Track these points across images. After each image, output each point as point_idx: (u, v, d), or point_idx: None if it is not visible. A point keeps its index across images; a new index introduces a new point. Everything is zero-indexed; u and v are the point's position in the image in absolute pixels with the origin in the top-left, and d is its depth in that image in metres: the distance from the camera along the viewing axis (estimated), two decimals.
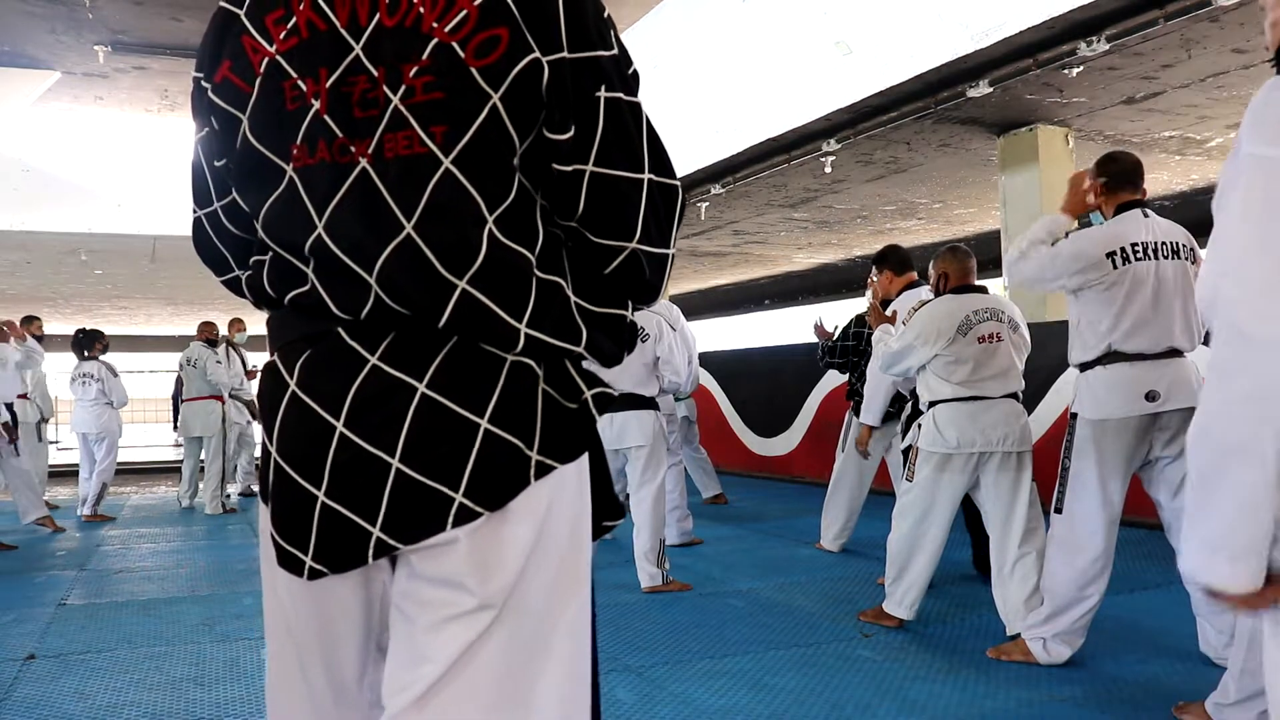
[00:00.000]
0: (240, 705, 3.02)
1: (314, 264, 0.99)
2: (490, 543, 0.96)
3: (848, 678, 3.12)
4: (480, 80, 0.93)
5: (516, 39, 0.93)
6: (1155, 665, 3.13)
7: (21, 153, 9.64)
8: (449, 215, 0.95)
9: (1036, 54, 5.79)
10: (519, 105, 0.94)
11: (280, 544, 1.02)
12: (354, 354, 0.97)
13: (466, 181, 0.95)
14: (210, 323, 8.29)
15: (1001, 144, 7.53)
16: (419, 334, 0.97)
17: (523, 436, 0.97)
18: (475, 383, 0.96)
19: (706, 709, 2.85)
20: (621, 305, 1.07)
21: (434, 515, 0.95)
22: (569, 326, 1.01)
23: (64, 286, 15.25)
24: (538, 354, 0.99)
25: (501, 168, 0.96)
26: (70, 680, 3.30)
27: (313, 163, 0.98)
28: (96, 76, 7.87)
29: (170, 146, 9.78)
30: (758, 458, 9.49)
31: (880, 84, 6.50)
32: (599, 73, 0.97)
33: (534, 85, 0.94)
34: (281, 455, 1.01)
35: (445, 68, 0.93)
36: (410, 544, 0.96)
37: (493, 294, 0.96)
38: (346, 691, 1.07)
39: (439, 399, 0.95)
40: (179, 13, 6.69)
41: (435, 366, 0.96)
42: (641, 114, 1.02)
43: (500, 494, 0.95)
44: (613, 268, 1.03)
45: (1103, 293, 2.99)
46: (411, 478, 0.94)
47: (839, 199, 9.91)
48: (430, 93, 0.94)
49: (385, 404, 0.95)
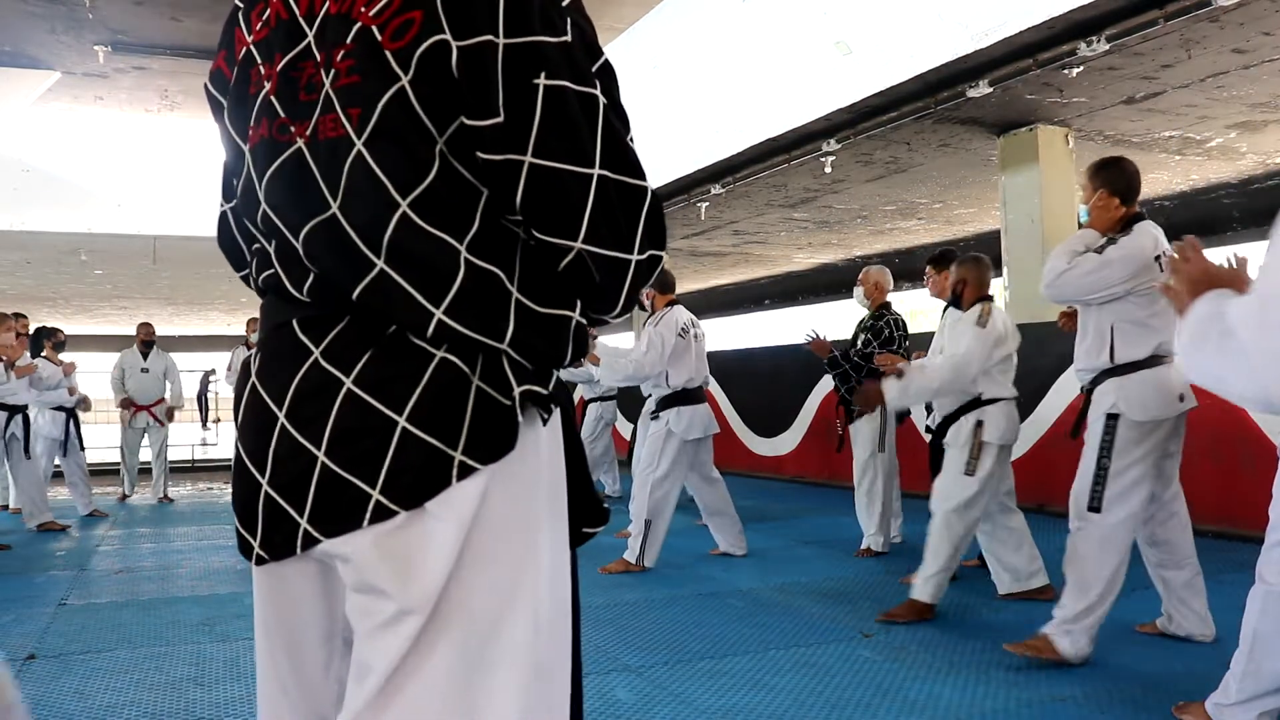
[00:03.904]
0: (240, 705, 3.02)
1: (273, 244, 1.03)
2: (408, 544, 0.94)
3: (848, 678, 3.12)
4: (392, 62, 0.93)
5: (429, 21, 0.92)
6: (1155, 665, 3.13)
7: (21, 153, 9.64)
8: (364, 194, 0.95)
9: (1036, 54, 5.79)
10: (429, 89, 0.93)
11: (238, 529, 1.05)
12: (302, 348, 0.99)
13: (375, 164, 0.94)
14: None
15: (1001, 144, 7.53)
16: (360, 329, 0.97)
17: (443, 436, 0.94)
18: (399, 380, 0.95)
19: (706, 709, 2.85)
20: (568, 307, 1.01)
21: (353, 510, 0.94)
22: (494, 319, 0.97)
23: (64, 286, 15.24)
24: (464, 347, 0.97)
25: (415, 151, 0.95)
26: (70, 680, 3.30)
27: (257, 142, 1.02)
28: (96, 76, 7.88)
29: (170, 146, 9.78)
30: (758, 458, 9.49)
31: (880, 84, 6.50)
32: (538, 59, 0.93)
33: (443, 68, 0.92)
34: (239, 443, 1.05)
35: (364, 51, 0.94)
36: (331, 537, 0.96)
37: (408, 275, 0.95)
38: (312, 681, 1.08)
39: (362, 395, 0.95)
40: (179, 13, 6.69)
41: (364, 363, 0.96)
42: (596, 106, 0.96)
43: (417, 493, 0.93)
44: (562, 267, 0.99)
45: (1149, 294, 3.08)
46: (335, 472, 0.95)
47: (839, 199, 9.90)
48: (350, 76, 0.95)
49: (317, 398, 0.97)
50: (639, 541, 4.93)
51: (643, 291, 1.17)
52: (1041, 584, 4.05)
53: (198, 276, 15.07)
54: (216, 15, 6.74)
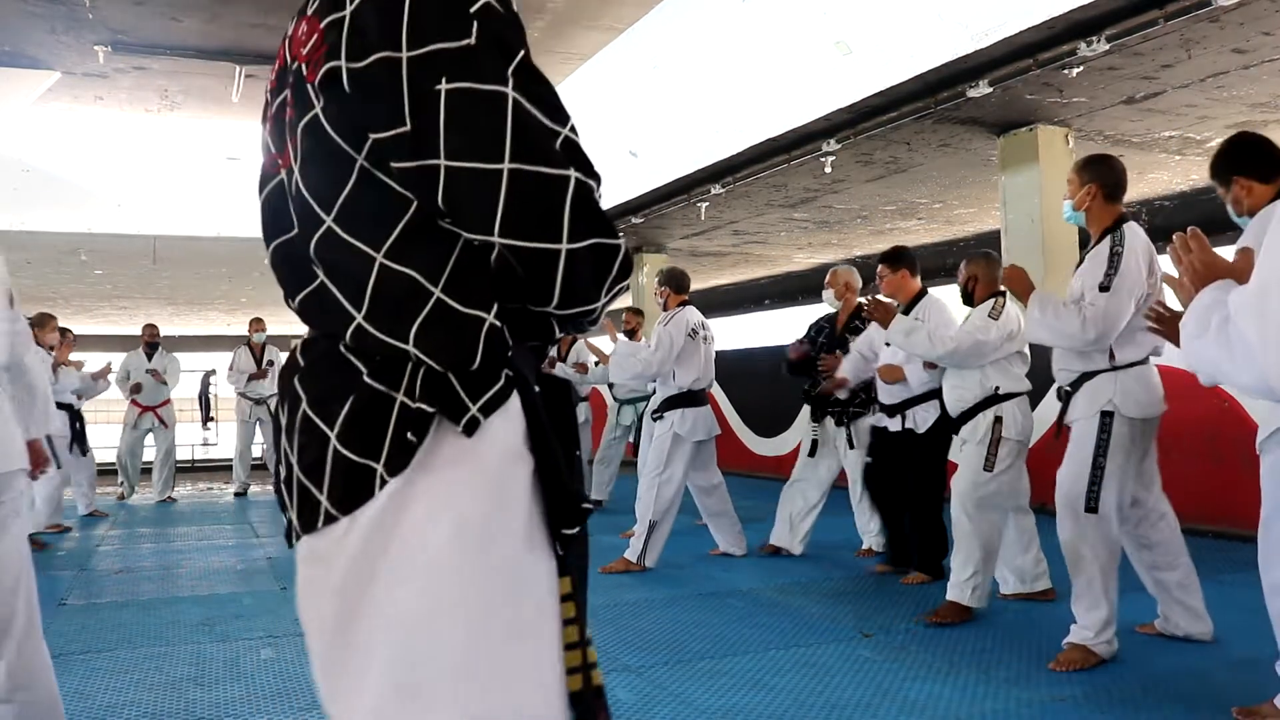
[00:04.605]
0: (240, 705, 3.02)
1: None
2: (342, 553, 0.99)
3: (848, 678, 3.12)
4: (310, 94, 1.03)
5: (331, 52, 1.00)
6: (1155, 665, 3.13)
7: (21, 153, 9.64)
8: (305, 215, 1.06)
9: (1036, 54, 5.79)
10: (334, 111, 1.01)
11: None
12: (296, 364, 1.11)
13: (303, 185, 1.06)
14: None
15: (1001, 144, 7.53)
16: (323, 349, 1.07)
17: (364, 451, 0.99)
18: (333, 398, 1.03)
19: (706, 709, 2.85)
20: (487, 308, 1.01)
21: (312, 513, 1.03)
22: (403, 321, 1.00)
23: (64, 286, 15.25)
24: (390, 362, 1.01)
25: (335, 169, 1.02)
26: (70, 680, 3.30)
27: (263, 174, 1.16)
28: (96, 76, 7.87)
29: (170, 146, 9.78)
30: (758, 458, 9.49)
31: (880, 84, 6.50)
32: (438, 66, 0.96)
33: (338, 90, 1.00)
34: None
35: (297, 88, 1.06)
36: (306, 533, 1.04)
37: (339, 285, 1.05)
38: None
39: (311, 414, 1.04)
40: (179, 13, 6.69)
41: (318, 383, 1.06)
42: (503, 103, 0.97)
43: (348, 502, 0.99)
44: (494, 264, 1.01)
45: (1146, 302, 3.09)
46: (301, 480, 1.05)
47: (839, 199, 9.90)
48: (291, 110, 1.07)
49: (294, 412, 1.07)
50: (641, 542, 4.94)
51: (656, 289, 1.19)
52: (1045, 587, 4.05)
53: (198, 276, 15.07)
54: (216, 15, 6.74)
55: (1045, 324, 3.18)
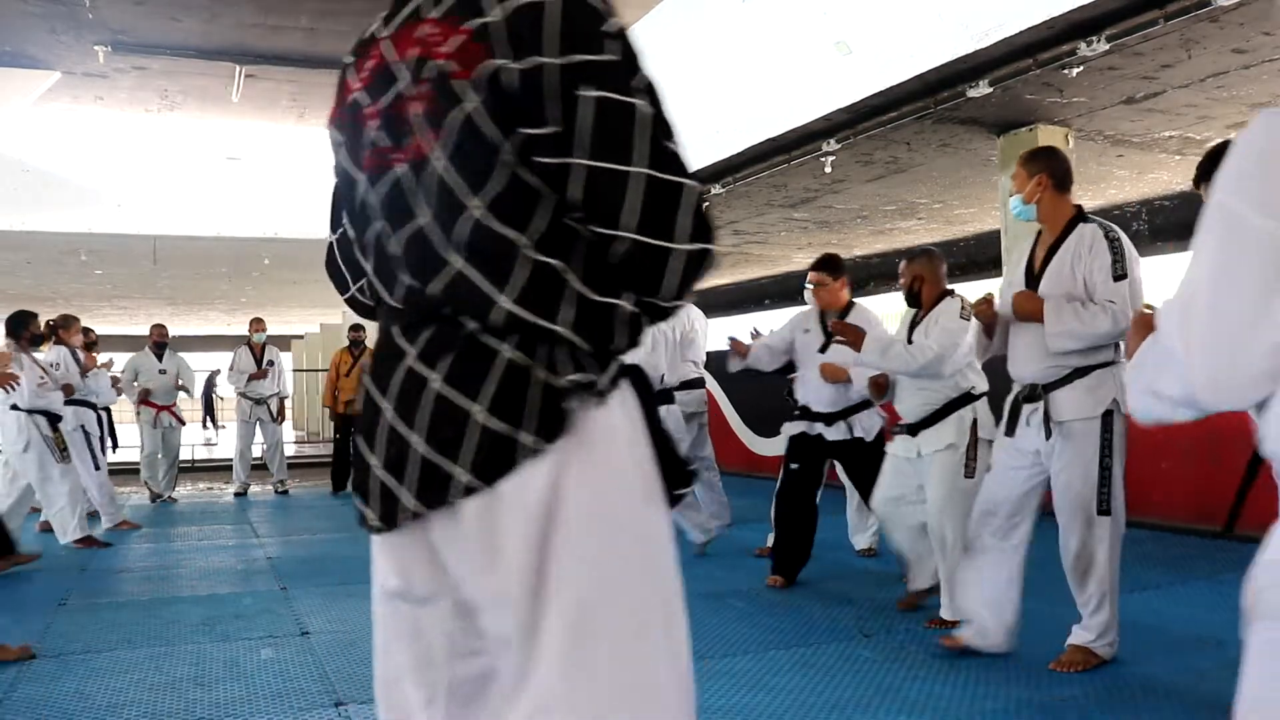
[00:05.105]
0: (240, 705, 3.02)
1: (374, 261, 1.23)
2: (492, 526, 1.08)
3: (848, 678, 3.12)
4: (459, 90, 1.10)
5: (492, 52, 1.10)
6: (1154, 665, 3.13)
7: (21, 153, 9.63)
8: (445, 204, 1.13)
9: (1036, 54, 5.78)
10: (493, 107, 1.10)
11: (356, 503, 1.23)
12: (399, 351, 1.17)
13: (455, 174, 1.12)
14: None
15: (1001, 144, 7.53)
16: (443, 331, 1.14)
17: (511, 422, 1.08)
18: (475, 375, 1.11)
19: (707, 709, 2.85)
20: (616, 295, 1.14)
21: (443, 489, 1.10)
22: (554, 306, 1.12)
23: (64, 286, 15.26)
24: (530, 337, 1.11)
25: (485, 161, 1.11)
26: (70, 680, 3.30)
27: (373, 170, 1.20)
28: (96, 76, 7.87)
29: (170, 146, 9.78)
30: (758, 458, 9.49)
31: (880, 84, 6.50)
32: (586, 74, 1.09)
33: (507, 88, 1.09)
34: (359, 432, 1.25)
35: (438, 83, 1.12)
36: (429, 509, 1.11)
37: (482, 269, 1.12)
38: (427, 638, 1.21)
39: (446, 391, 1.11)
40: (179, 13, 6.69)
41: (449, 363, 1.12)
42: (635, 112, 1.10)
43: (490, 473, 1.08)
44: (617, 258, 1.13)
45: None
46: (428, 454, 1.11)
47: (839, 199, 9.90)
48: (430, 105, 1.13)
49: (412, 393, 1.14)
50: None
51: None
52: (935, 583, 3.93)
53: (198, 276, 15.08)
54: (216, 15, 6.74)
55: (1070, 331, 3.01)
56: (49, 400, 5.95)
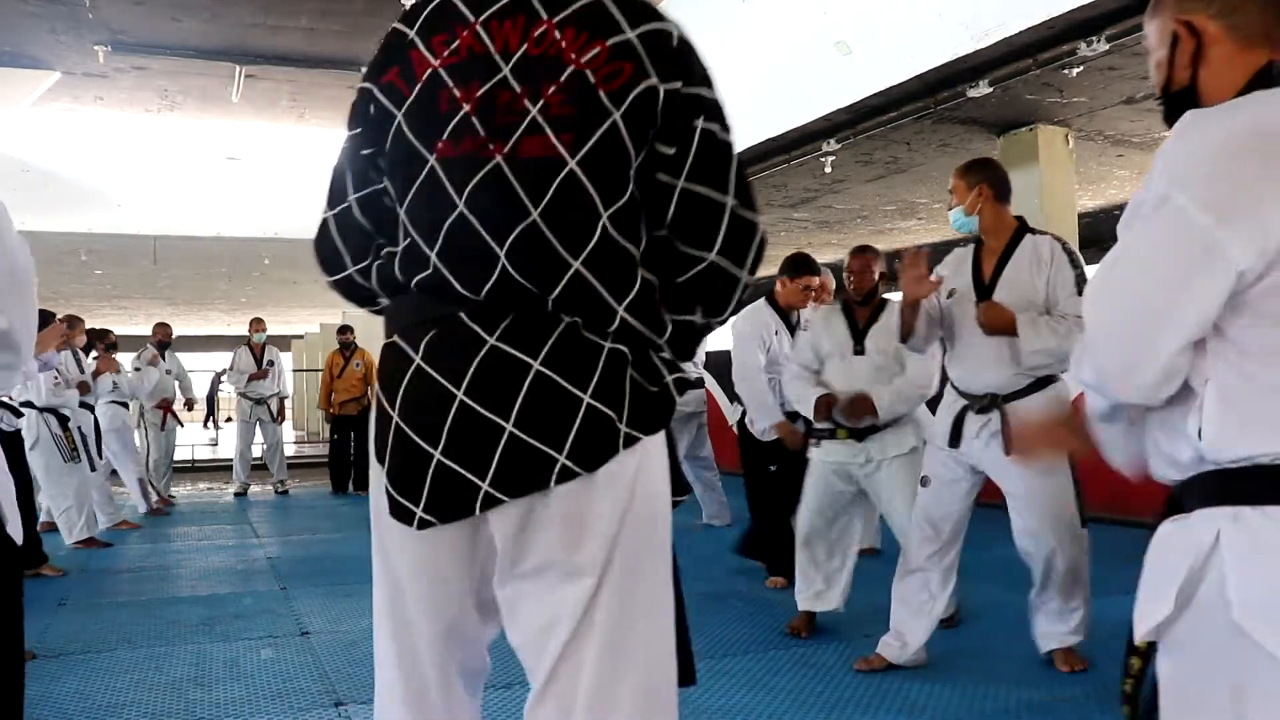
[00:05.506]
0: (240, 705, 3.02)
1: (441, 246, 1.17)
2: (583, 506, 1.14)
3: (848, 678, 3.12)
4: (605, 101, 1.14)
5: (638, 71, 1.15)
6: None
7: (21, 153, 9.62)
8: (570, 206, 1.14)
9: (1036, 54, 5.78)
10: (635, 122, 1.15)
11: (394, 497, 1.19)
12: (474, 334, 1.15)
13: (587, 180, 1.14)
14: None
15: (1001, 144, 7.53)
16: (531, 318, 1.15)
17: (616, 411, 1.14)
18: (580, 363, 1.14)
19: (707, 709, 2.85)
20: (692, 312, 1.24)
21: (539, 473, 1.12)
22: (657, 319, 1.20)
23: (64, 286, 15.26)
24: (628, 341, 1.17)
25: (618, 173, 1.16)
26: (70, 680, 3.30)
27: (455, 155, 1.17)
28: (96, 76, 7.87)
29: (170, 146, 9.76)
30: None
31: (880, 84, 6.49)
32: (700, 107, 1.18)
33: (650, 107, 1.15)
34: (404, 419, 1.18)
35: (578, 90, 1.14)
36: (516, 496, 1.12)
37: (600, 277, 1.15)
38: (452, 631, 1.24)
39: (551, 375, 1.12)
40: (179, 13, 6.68)
41: (548, 348, 1.13)
42: (731, 150, 1.21)
43: (596, 458, 1.13)
44: (689, 276, 1.21)
45: None
46: (523, 440, 1.12)
47: (839, 199, 9.90)
48: (564, 108, 1.14)
49: (503, 377, 1.13)
50: None
51: None
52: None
53: (198, 276, 15.08)
54: (216, 15, 6.74)
55: (1049, 349, 2.90)
56: (64, 399, 5.96)
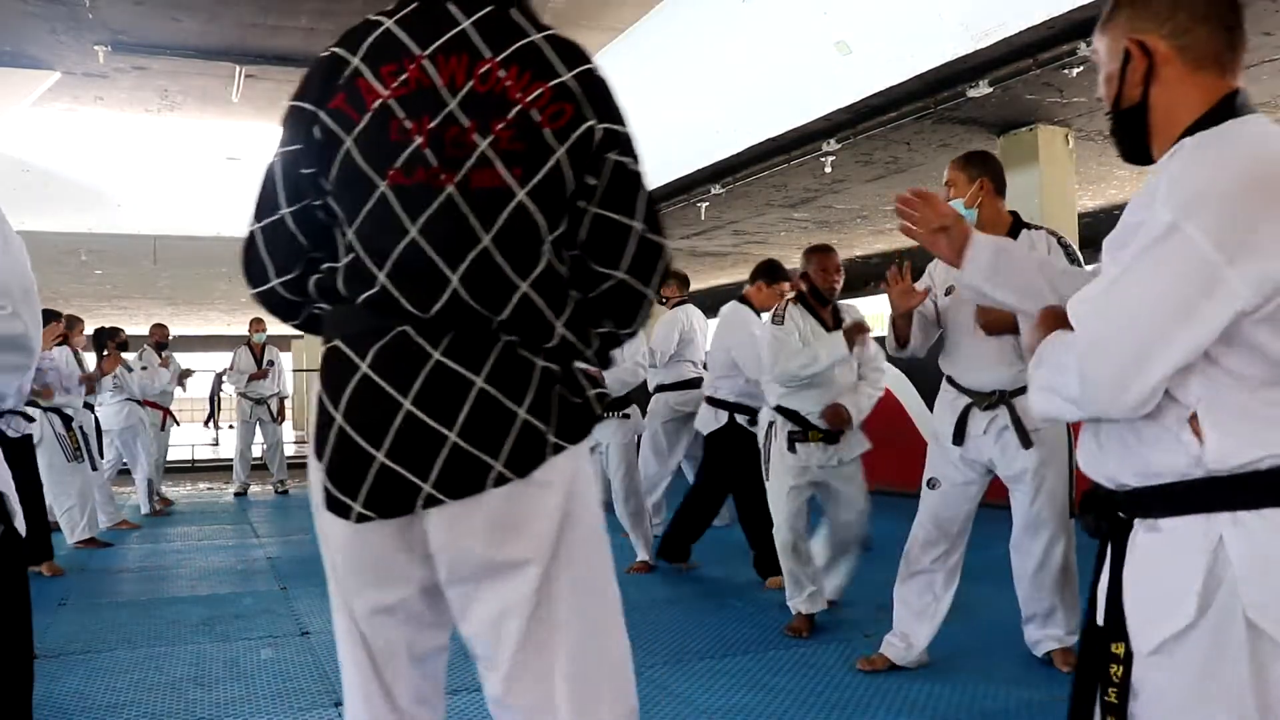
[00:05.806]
0: (240, 705, 3.02)
1: (392, 269, 1.25)
2: (518, 506, 1.24)
3: (848, 678, 3.12)
4: (550, 138, 1.24)
5: (579, 113, 1.26)
6: None
7: (21, 153, 9.63)
8: (519, 234, 1.25)
9: (1036, 54, 5.78)
10: (574, 157, 1.26)
11: (332, 492, 1.27)
12: (420, 349, 1.24)
13: (535, 210, 1.25)
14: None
15: (1001, 144, 7.53)
16: (473, 336, 1.24)
17: (545, 423, 1.25)
18: (517, 381, 1.25)
19: (707, 709, 2.85)
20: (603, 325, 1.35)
21: (477, 477, 1.22)
22: (585, 333, 1.32)
23: (64, 286, 15.25)
24: (559, 356, 1.29)
25: (558, 202, 1.27)
26: (70, 680, 3.30)
27: (408, 183, 1.25)
28: (96, 76, 7.87)
29: (170, 146, 9.77)
30: None
31: (880, 84, 6.49)
32: (616, 141, 1.29)
33: (587, 144, 1.26)
34: (347, 421, 1.26)
35: (525, 127, 1.24)
36: (456, 498, 1.22)
37: (544, 297, 1.27)
38: (390, 613, 1.33)
39: (492, 392, 1.23)
40: (179, 13, 6.68)
41: (489, 366, 1.24)
42: (641, 180, 1.32)
43: (527, 465, 1.24)
44: (600, 292, 1.32)
45: None
46: (464, 449, 1.22)
47: (839, 199, 9.90)
48: (514, 144, 1.24)
49: (448, 391, 1.22)
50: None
51: None
52: None
53: (198, 276, 15.07)
54: (216, 15, 6.74)
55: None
56: (67, 398, 5.96)
